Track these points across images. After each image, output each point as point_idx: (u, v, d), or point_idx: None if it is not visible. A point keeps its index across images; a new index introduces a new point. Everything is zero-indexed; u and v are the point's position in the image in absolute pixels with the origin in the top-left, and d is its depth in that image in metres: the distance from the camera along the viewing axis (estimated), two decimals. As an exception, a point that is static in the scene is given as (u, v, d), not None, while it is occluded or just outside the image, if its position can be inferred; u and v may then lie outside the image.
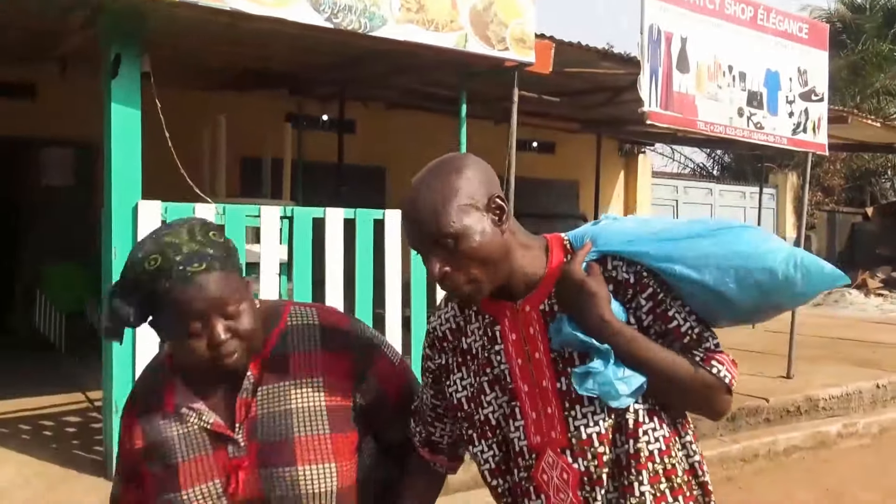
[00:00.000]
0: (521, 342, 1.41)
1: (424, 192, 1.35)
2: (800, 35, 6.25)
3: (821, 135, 6.49)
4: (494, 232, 1.34)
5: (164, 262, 1.32)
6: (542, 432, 1.38)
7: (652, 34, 5.23)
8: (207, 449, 1.43)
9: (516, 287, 1.40)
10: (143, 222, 3.93)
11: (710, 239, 1.37)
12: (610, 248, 1.39)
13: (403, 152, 9.73)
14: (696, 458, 1.41)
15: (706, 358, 1.36)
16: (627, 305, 1.38)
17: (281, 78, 6.84)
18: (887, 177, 20.16)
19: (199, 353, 1.36)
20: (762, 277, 1.34)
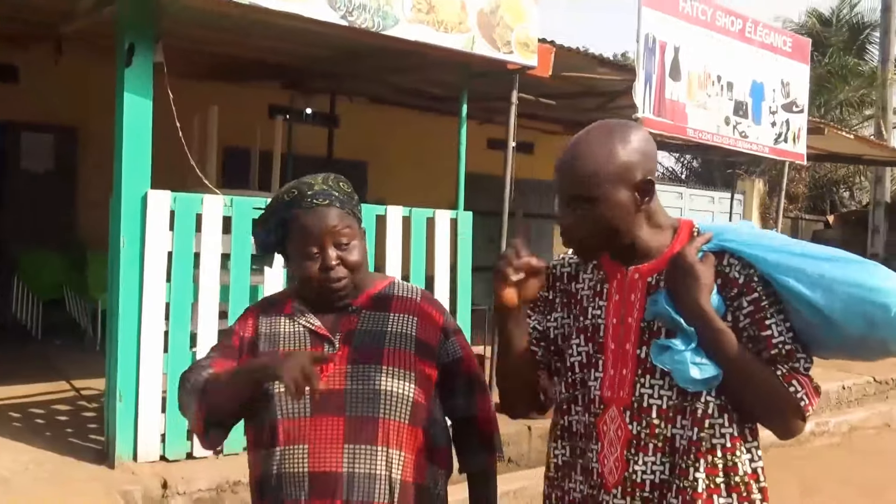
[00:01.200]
0: (620, 304, 1.49)
1: (585, 150, 1.42)
2: (784, 48, 6.48)
3: (800, 145, 6.73)
4: (630, 210, 1.43)
5: (298, 194, 1.60)
6: (614, 389, 1.47)
7: (648, 42, 5.39)
8: (307, 344, 1.62)
9: (635, 254, 1.48)
10: (152, 212, 3.93)
11: (833, 263, 1.39)
12: (729, 245, 1.44)
13: (385, 148, 9.79)
14: (759, 464, 1.45)
15: (788, 375, 1.39)
16: (730, 303, 1.42)
17: (275, 70, 6.83)
18: (846, 186, 20.84)
19: (312, 274, 1.58)
20: (873, 310, 1.35)
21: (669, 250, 1.47)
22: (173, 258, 4.04)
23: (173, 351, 4.05)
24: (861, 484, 5.01)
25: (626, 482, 1.43)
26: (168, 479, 3.79)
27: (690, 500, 1.38)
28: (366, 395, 1.55)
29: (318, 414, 1.54)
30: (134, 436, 3.94)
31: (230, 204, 4.25)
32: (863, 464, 5.50)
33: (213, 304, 4.18)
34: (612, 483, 1.45)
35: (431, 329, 1.67)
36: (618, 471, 1.44)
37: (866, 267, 1.39)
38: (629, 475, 1.43)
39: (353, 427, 1.53)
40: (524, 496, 4.14)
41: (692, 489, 1.39)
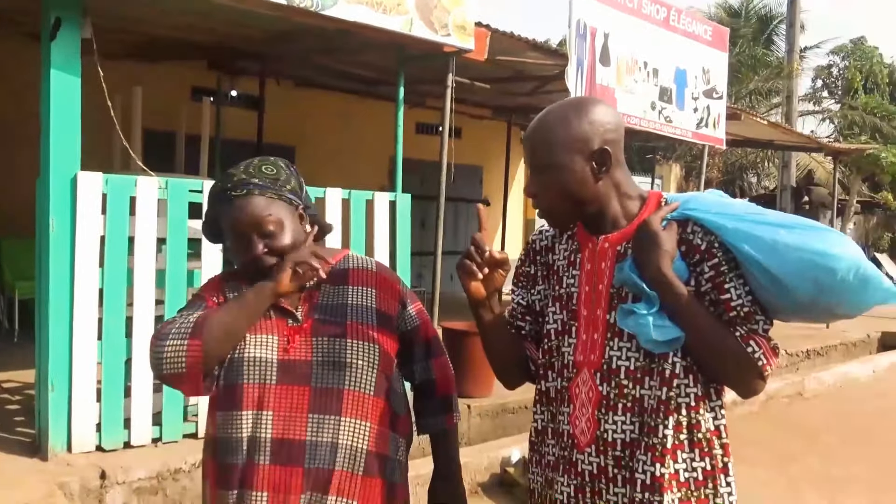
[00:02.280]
0: (592, 273, 1.57)
1: (544, 121, 1.52)
2: (705, 37, 6.74)
3: (719, 130, 7.04)
4: (588, 178, 1.50)
5: (220, 188, 1.63)
6: (586, 353, 1.54)
7: (579, 28, 5.52)
8: (271, 315, 1.64)
9: (606, 226, 1.56)
10: (83, 195, 3.79)
11: (788, 230, 1.44)
12: (693, 213, 1.51)
13: (312, 132, 9.66)
14: (721, 422, 1.52)
15: (746, 336, 1.46)
16: (693, 268, 1.50)
17: (201, 50, 6.64)
18: (754, 171, 21.87)
19: (243, 264, 1.63)
20: (821, 274, 1.41)
21: (637, 220, 1.54)
22: (106, 243, 3.90)
23: (107, 338, 3.93)
24: (776, 448, 5.33)
25: (598, 441, 1.51)
26: (106, 469, 3.68)
27: (659, 457, 1.46)
28: (331, 367, 1.59)
29: (284, 383, 1.58)
30: (68, 426, 3.80)
31: (165, 186, 4.13)
32: (777, 430, 5.85)
33: (148, 290, 4.07)
34: (584, 443, 1.52)
35: (390, 299, 1.72)
36: (589, 431, 1.52)
37: (820, 233, 1.45)
38: (601, 434, 1.51)
39: (318, 397, 1.57)
40: (468, 469, 4.22)
41: (661, 445, 1.46)
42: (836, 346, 9.22)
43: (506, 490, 4.21)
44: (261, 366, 1.59)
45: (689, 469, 1.48)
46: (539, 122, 1.52)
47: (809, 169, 18.39)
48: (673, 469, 1.47)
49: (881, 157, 15.24)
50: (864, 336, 9.88)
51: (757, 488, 4.45)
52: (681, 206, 1.54)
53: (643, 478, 1.47)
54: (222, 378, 1.61)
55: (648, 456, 1.46)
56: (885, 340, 10.10)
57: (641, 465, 1.47)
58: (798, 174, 17.97)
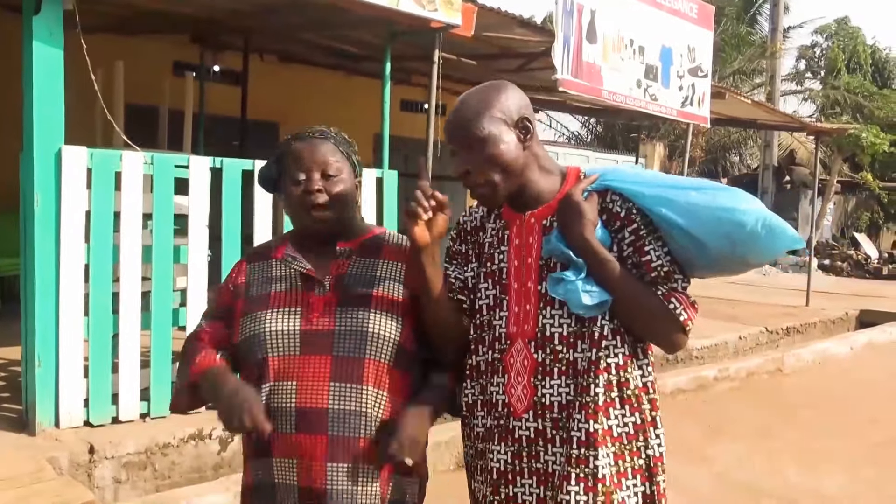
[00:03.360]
0: (520, 247, 1.65)
1: (466, 102, 1.61)
2: (690, 15, 6.75)
3: (704, 108, 7.07)
4: (517, 146, 1.59)
5: (302, 131, 1.72)
6: (519, 324, 1.62)
7: (566, 5, 5.51)
8: (298, 286, 1.69)
9: (529, 201, 1.65)
10: (68, 169, 3.76)
11: (699, 192, 1.57)
12: (611, 184, 1.62)
13: (296, 108, 9.56)
14: (649, 379, 1.63)
15: (667, 294, 1.57)
16: (614, 235, 1.59)
17: (183, 23, 6.54)
18: (736, 151, 22.02)
19: (295, 196, 1.66)
20: (732, 229, 1.54)
21: (560, 194, 1.64)
22: (92, 218, 3.88)
23: (94, 314, 3.92)
24: (756, 423, 5.43)
25: (535, 406, 1.59)
26: (94, 443, 3.69)
27: (593, 413, 1.55)
28: (353, 336, 1.62)
29: (307, 353, 1.62)
30: (55, 402, 3.80)
31: (151, 161, 4.10)
32: (757, 405, 5.96)
33: (135, 266, 4.05)
34: (521, 409, 1.60)
35: None
36: (526, 398, 1.60)
37: (727, 192, 1.58)
38: (538, 399, 1.59)
39: (339, 366, 1.60)
40: (456, 444, 4.27)
41: (593, 403, 1.55)
42: (814, 323, 9.36)
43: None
44: (285, 338, 1.63)
45: (620, 424, 1.58)
46: (463, 104, 1.61)
47: (791, 149, 18.53)
48: (606, 425, 1.56)
49: (862, 137, 15.40)
50: (842, 314, 10.04)
51: (738, 462, 4.55)
52: (600, 178, 1.63)
53: (579, 435, 1.55)
54: (248, 355, 1.66)
55: (583, 414, 1.55)
56: (862, 318, 10.27)
57: (577, 423, 1.55)
58: (780, 154, 18.11)
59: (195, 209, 4.24)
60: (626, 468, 1.58)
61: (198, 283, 4.28)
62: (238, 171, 4.37)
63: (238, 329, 1.69)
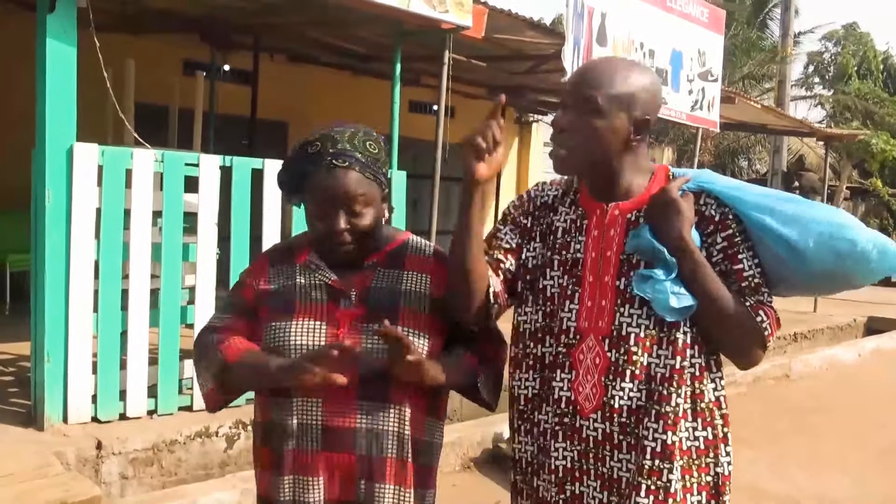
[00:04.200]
0: (599, 239, 1.57)
1: (606, 65, 1.53)
2: (701, 19, 6.74)
3: (714, 113, 7.06)
4: (620, 135, 1.50)
5: (321, 149, 1.57)
6: (592, 319, 1.54)
7: (577, 7, 5.50)
8: (324, 298, 1.62)
9: (616, 192, 1.57)
10: (79, 166, 3.78)
11: (797, 205, 1.52)
12: (707, 186, 1.55)
13: (306, 108, 9.58)
14: (722, 393, 1.56)
15: (755, 306, 1.50)
16: (705, 238, 1.52)
17: (193, 23, 6.57)
18: (745, 155, 21.95)
19: (319, 234, 1.60)
20: (842, 245, 1.48)
21: (647, 191, 1.56)
22: (102, 215, 3.90)
23: (103, 310, 3.94)
24: (763, 428, 5.41)
25: (604, 407, 1.52)
26: (102, 439, 3.71)
27: (671, 425, 1.48)
28: (380, 354, 1.55)
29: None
30: (64, 397, 3.82)
31: (161, 159, 4.12)
32: (764, 410, 5.93)
33: (144, 263, 4.07)
34: (589, 409, 1.53)
35: (443, 287, 1.65)
36: (595, 397, 1.52)
37: (830, 208, 1.55)
38: (607, 400, 1.51)
39: (366, 383, 1.55)
40: (462, 445, 4.28)
41: (673, 414, 1.48)
42: (822, 329, 9.33)
43: (499, 465, 4.26)
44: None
45: (691, 438, 1.52)
46: (599, 63, 1.52)
47: (801, 154, 18.46)
48: (679, 437, 1.49)
49: (871, 143, 15.31)
50: (850, 320, 10.01)
51: (744, 466, 4.53)
52: (694, 179, 1.56)
53: (654, 445, 1.48)
54: None
55: (660, 424, 1.48)
56: (870, 325, 10.23)
57: (651, 432, 1.49)
58: (789, 158, 18.04)
59: (205, 207, 4.26)
60: (692, 483, 1.52)
61: (206, 281, 4.30)
62: (248, 170, 4.39)
63: (262, 335, 1.62)
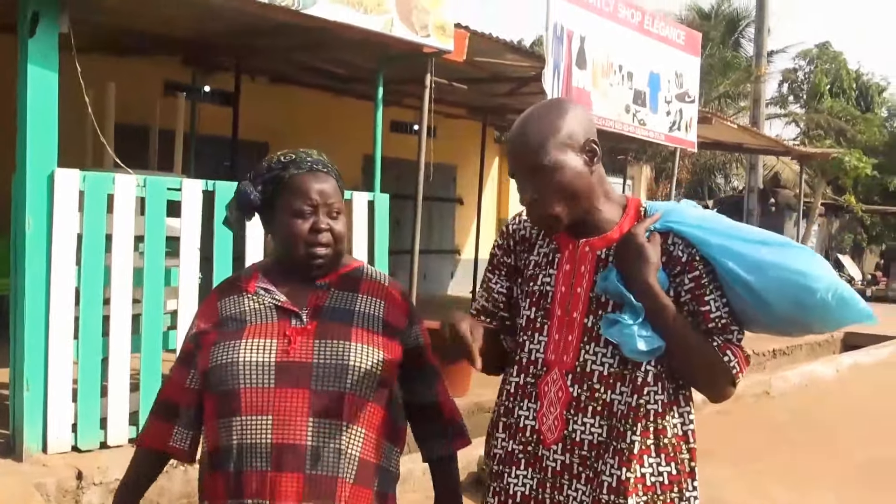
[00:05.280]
0: (570, 274, 1.59)
1: (530, 126, 1.54)
2: (678, 42, 6.85)
3: (691, 133, 7.16)
4: (584, 171, 1.53)
5: (297, 158, 1.63)
6: (558, 353, 1.58)
7: (556, 31, 5.58)
8: (274, 318, 1.62)
9: (587, 227, 1.59)
10: (60, 192, 3.75)
11: (769, 247, 1.52)
12: (675, 226, 1.55)
13: (286, 129, 9.59)
14: (690, 427, 1.58)
15: (723, 346, 1.52)
16: (673, 279, 1.54)
17: (175, 45, 6.57)
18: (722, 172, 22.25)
19: (300, 232, 1.59)
20: (802, 294, 1.48)
21: (619, 226, 1.59)
22: (83, 241, 3.87)
23: (84, 337, 3.90)
24: (743, 445, 5.46)
25: (565, 440, 1.56)
26: (82, 469, 3.66)
27: (626, 461, 1.50)
28: (333, 370, 1.54)
29: (283, 385, 1.53)
30: (43, 426, 3.77)
31: (143, 184, 4.11)
32: (745, 427, 5.99)
33: (126, 289, 4.04)
34: (551, 440, 1.57)
35: (399, 314, 1.69)
36: (557, 430, 1.56)
37: (797, 252, 1.53)
38: (568, 434, 1.55)
39: (319, 400, 1.53)
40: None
41: (628, 451, 1.51)
42: (800, 346, 9.44)
43: (482, 488, 4.26)
44: (258, 369, 1.55)
45: (655, 473, 1.53)
46: (524, 125, 1.54)
47: (776, 171, 18.74)
48: (639, 473, 1.51)
49: (845, 160, 15.61)
50: (827, 336, 10.12)
51: (724, 484, 4.56)
52: (662, 217, 1.57)
53: (610, 480, 1.51)
54: (218, 385, 1.57)
55: (616, 460, 1.51)
56: (847, 340, 10.37)
57: (609, 468, 1.52)
58: (765, 175, 18.32)
59: (187, 232, 4.24)
60: None
61: (189, 306, 4.27)
62: (231, 194, 4.36)
63: (208, 356, 1.60)
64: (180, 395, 1.68)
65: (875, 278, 18.97)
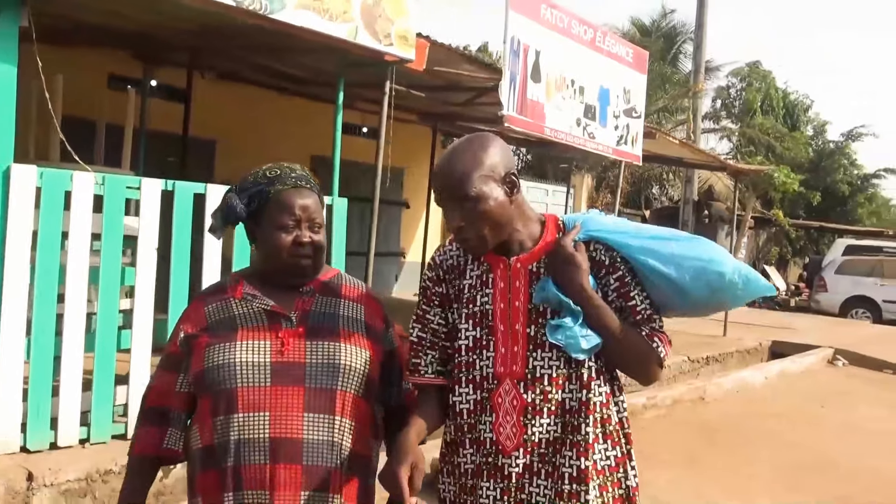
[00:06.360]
0: (506, 291, 1.74)
1: (456, 159, 1.69)
2: (626, 59, 7.10)
3: (637, 147, 7.42)
4: (505, 201, 1.68)
5: (282, 173, 1.75)
6: (507, 365, 1.71)
7: (513, 44, 5.73)
8: (264, 322, 1.72)
9: (513, 247, 1.75)
10: (16, 188, 3.68)
11: (678, 242, 1.75)
12: (599, 234, 1.75)
13: (235, 127, 9.49)
14: (624, 414, 1.78)
15: (650, 333, 1.73)
16: (599, 281, 1.73)
17: (128, 39, 6.45)
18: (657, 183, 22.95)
19: (284, 245, 1.71)
20: (713, 277, 1.73)
21: (543, 241, 1.75)
22: (39, 238, 3.80)
23: (37, 336, 3.81)
24: (682, 449, 5.71)
25: (525, 444, 1.69)
26: (32, 470, 3.59)
27: (584, 451, 1.67)
28: (325, 368, 1.67)
29: (278, 384, 1.65)
30: (-8, 426, 3.68)
31: (102, 182, 4.05)
32: (682, 432, 6.25)
33: (81, 287, 3.98)
34: (510, 448, 1.69)
35: (376, 317, 1.83)
36: (516, 436, 1.69)
37: (702, 244, 1.77)
38: (528, 437, 1.68)
39: (312, 397, 1.65)
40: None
41: (584, 441, 1.67)
42: (732, 353, 9.85)
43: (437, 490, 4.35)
44: (254, 369, 1.65)
45: (604, 458, 1.71)
46: (450, 158, 1.69)
47: (710, 184, 19.45)
48: (593, 460, 1.68)
49: (774, 176, 16.34)
50: (756, 344, 10.60)
51: (665, 486, 4.77)
52: (583, 228, 1.76)
53: (570, 471, 1.67)
54: (214, 384, 1.66)
55: (574, 451, 1.67)
56: (773, 348, 10.87)
57: (567, 459, 1.67)
58: (700, 186, 18.99)
59: (145, 232, 4.20)
60: (608, 498, 1.71)
61: (144, 306, 4.23)
62: (190, 195, 4.35)
63: (202, 357, 1.68)
64: (170, 400, 1.76)
65: (798, 289, 19.91)
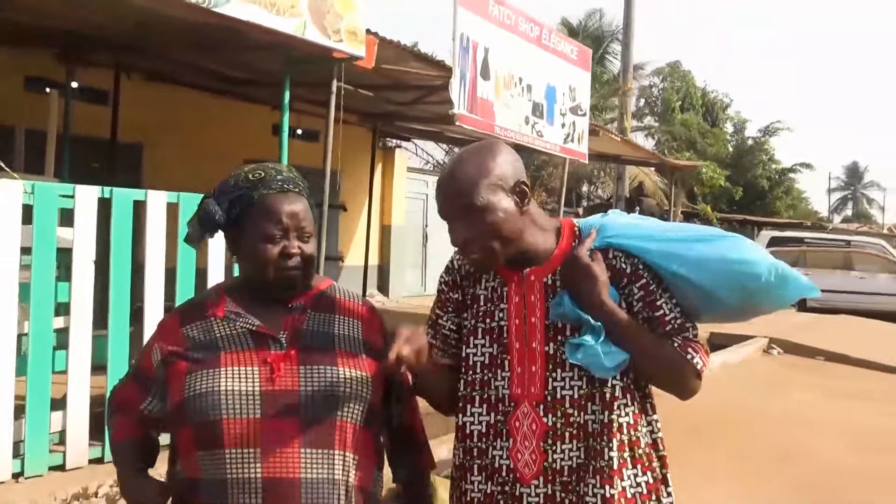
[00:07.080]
0: (521, 305, 1.58)
1: (461, 168, 1.53)
2: (571, 56, 7.08)
3: (583, 145, 7.43)
4: (515, 212, 1.53)
5: (267, 175, 1.54)
6: (524, 386, 1.56)
7: (462, 42, 5.60)
8: (250, 345, 1.52)
9: (527, 259, 1.58)
10: (-66, 199, 3.32)
11: (705, 243, 1.56)
12: (616, 241, 1.57)
13: (162, 129, 9.04)
14: (658, 435, 1.61)
15: (683, 344, 1.55)
16: (621, 291, 1.56)
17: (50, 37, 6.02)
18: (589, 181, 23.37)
19: (270, 257, 1.51)
20: (748, 281, 1.55)
21: (559, 251, 1.59)
22: (-39, 253, 3.44)
23: (-39, 362, 3.46)
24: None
25: (546, 471, 1.53)
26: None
27: (608, 478, 1.51)
28: (322, 398, 1.48)
29: (270, 416, 1.46)
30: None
31: (31, 191, 3.70)
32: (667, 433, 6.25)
33: (10, 306, 3.62)
34: (529, 476, 1.54)
35: (375, 333, 1.64)
36: (535, 463, 1.54)
37: (731, 241, 1.59)
38: (549, 465, 1.53)
39: (310, 430, 1.47)
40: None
41: (608, 467, 1.51)
42: (673, 346, 9.99)
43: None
44: (242, 399, 1.46)
45: (633, 485, 1.55)
46: (456, 168, 1.54)
47: (640, 180, 19.87)
48: (620, 487, 1.52)
49: (702, 172, 16.80)
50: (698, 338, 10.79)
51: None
52: (599, 234, 1.60)
53: (594, 500, 1.51)
54: (195, 414, 1.46)
55: (598, 479, 1.52)
56: (712, 340, 11.08)
57: (591, 488, 1.51)
58: (630, 183, 19.38)
59: (80, 243, 3.86)
60: None
61: (82, 324, 3.90)
62: (129, 202, 4.04)
63: (182, 386, 1.49)
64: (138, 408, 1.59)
65: (726, 281, 20.54)
